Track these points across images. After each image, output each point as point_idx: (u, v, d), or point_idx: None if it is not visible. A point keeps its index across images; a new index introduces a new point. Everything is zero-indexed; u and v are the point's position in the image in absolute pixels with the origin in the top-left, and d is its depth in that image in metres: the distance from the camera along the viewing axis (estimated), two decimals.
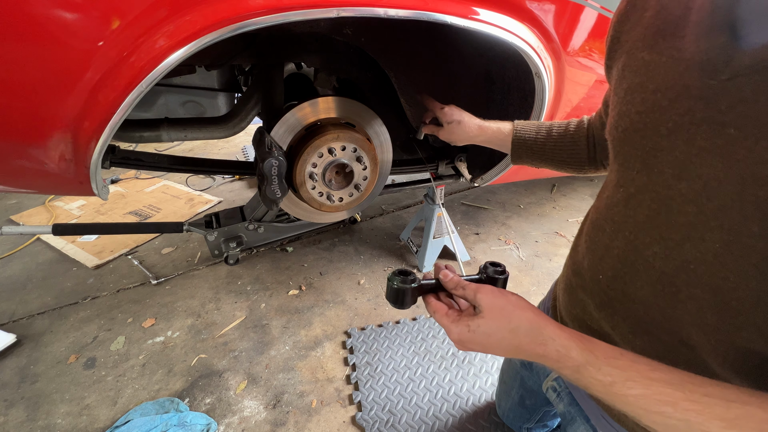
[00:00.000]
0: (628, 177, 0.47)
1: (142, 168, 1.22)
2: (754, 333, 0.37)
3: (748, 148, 0.34)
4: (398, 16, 0.75)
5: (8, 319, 1.51)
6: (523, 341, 0.42)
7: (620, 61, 0.50)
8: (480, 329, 0.43)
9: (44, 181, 0.84)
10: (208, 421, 1.13)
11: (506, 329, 0.43)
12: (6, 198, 2.48)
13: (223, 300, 1.61)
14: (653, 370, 0.36)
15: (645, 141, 0.44)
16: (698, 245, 0.39)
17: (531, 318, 0.42)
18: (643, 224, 0.45)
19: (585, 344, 0.40)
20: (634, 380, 0.36)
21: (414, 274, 0.52)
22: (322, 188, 1.10)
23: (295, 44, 1.07)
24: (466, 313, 0.47)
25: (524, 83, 1.11)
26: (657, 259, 0.44)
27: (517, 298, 0.45)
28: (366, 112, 1.14)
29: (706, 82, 0.37)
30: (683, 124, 0.39)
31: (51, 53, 0.60)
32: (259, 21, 0.66)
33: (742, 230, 0.35)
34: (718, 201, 0.37)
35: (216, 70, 1.21)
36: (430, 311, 0.50)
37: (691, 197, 0.39)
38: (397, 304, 0.51)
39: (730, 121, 0.35)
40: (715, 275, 0.38)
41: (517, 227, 2.12)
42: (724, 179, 0.36)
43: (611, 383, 0.36)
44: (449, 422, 1.13)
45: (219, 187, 2.59)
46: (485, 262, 0.57)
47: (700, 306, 0.40)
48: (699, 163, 0.38)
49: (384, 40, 1.16)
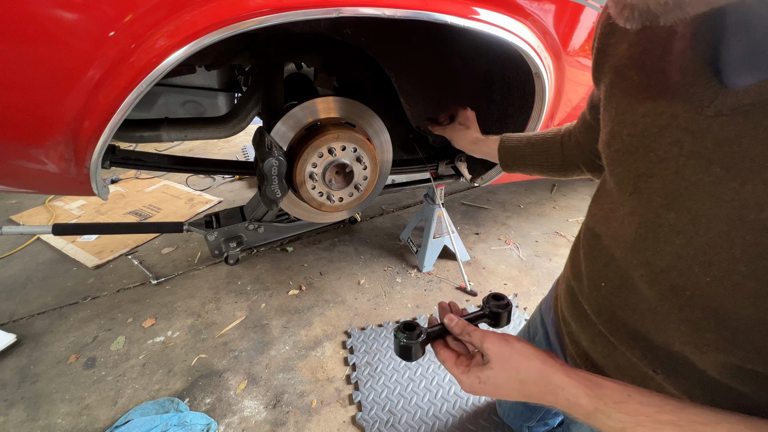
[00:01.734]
0: (623, 196, 0.47)
1: (142, 168, 1.22)
2: (753, 352, 0.37)
3: (735, 190, 0.34)
4: (398, 16, 0.75)
5: (8, 319, 1.51)
6: (533, 390, 0.43)
7: (608, 77, 0.49)
8: (490, 381, 0.44)
9: (44, 181, 0.84)
10: (208, 421, 1.13)
11: (515, 380, 0.43)
12: (6, 198, 2.48)
13: (223, 300, 1.61)
14: (661, 413, 0.36)
15: (637, 164, 0.44)
16: (688, 275, 0.39)
17: (539, 368, 0.43)
18: (632, 246, 0.46)
19: (593, 390, 0.40)
20: (644, 425, 0.36)
21: (419, 327, 0.53)
22: (322, 188, 1.10)
23: (295, 44, 1.07)
24: (475, 362, 0.48)
25: (524, 83, 1.11)
26: (643, 281, 0.45)
27: (522, 345, 0.46)
28: (366, 112, 1.14)
29: (693, 115, 0.37)
30: (672, 154, 0.39)
31: (51, 53, 0.60)
32: (260, 21, 0.66)
33: (732, 269, 0.35)
34: (707, 237, 0.37)
35: (216, 70, 1.21)
36: (439, 359, 0.51)
37: (680, 229, 0.39)
38: (406, 358, 0.52)
39: (717, 159, 0.35)
40: (711, 300, 0.38)
41: (517, 227, 2.12)
42: (713, 217, 0.36)
43: (622, 429, 0.37)
44: (449, 422, 1.13)
45: (219, 187, 2.59)
46: (488, 295, 0.57)
47: (697, 327, 0.40)
48: (688, 197, 0.38)
49: (384, 40, 1.16)
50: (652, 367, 0.48)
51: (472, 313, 0.55)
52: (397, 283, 1.69)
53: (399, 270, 1.77)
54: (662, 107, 0.40)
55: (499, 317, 0.56)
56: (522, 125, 1.18)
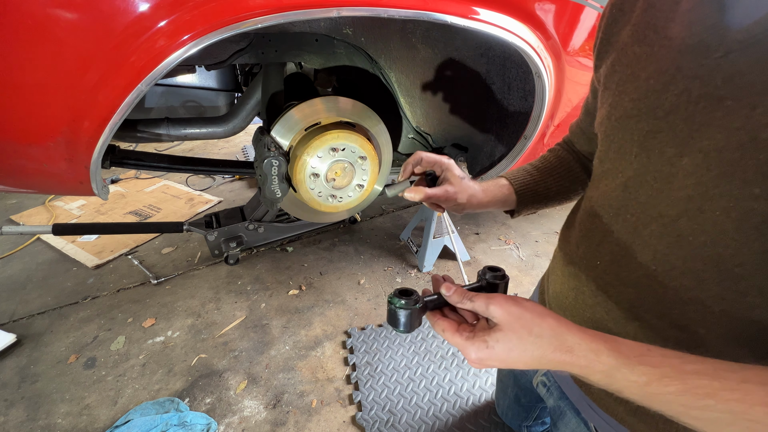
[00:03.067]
0: (625, 162, 0.48)
1: (142, 168, 1.22)
2: (758, 297, 0.37)
3: (746, 116, 0.35)
4: (398, 16, 0.75)
5: (8, 319, 1.51)
6: (546, 351, 0.39)
7: (610, 58, 0.51)
8: (499, 344, 0.40)
9: (44, 181, 0.84)
10: (208, 420, 1.13)
11: (528, 340, 0.39)
12: (6, 198, 2.48)
13: (223, 300, 1.61)
14: (685, 363, 0.34)
15: (641, 125, 0.45)
16: (696, 217, 0.40)
17: (553, 325, 0.40)
18: (645, 204, 0.45)
19: (612, 345, 0.37)
20: (669, 376, 0.34)
21: (416, 293, 0.47)
22: (322, 188, 1.10)
23: (295, 44, 1.07)
24: (480, 326, 0.43)
25: (524, 83, 1.11)
26: (653, 236, 0.45)
27: (533, 304, 0.42)
28: (366, 111, 1.14)
29: (700, 61, 0.39)
30: (680, 104, 0.41)
31: (51, 53, 0.60)
32: (260, 21, 0.66)
33: (743, 194, 0.36)
34: (718, 170, 0.37)
35: (216, 69, 1.21)
36: (438, 330, 0.46)
37: (691, 170, 0.40)
38: (399, 328, 0.46)
39: (727, 94, 0.37)
40: (715, 244, 0.39)
41: (517, 227, 2.12)
42: (724, 149, 0.37)
43: (647, 383, 0.34)
44: (449, 422, 1.13)
45: (219, 187, 2.59)
46: (483, 267, 0.54)
47: (700, 279, 0.41)
48: (699, 138, 0.39)
49: (384, 39, 1.16)
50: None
51: (468, 285, 0.52)
52: (397, 283, 1.69)
53: (399, 270, 1.77)
54: (666, 65, 0.42)
55: (496, 288, 0.52)
56: (522, 125, 1.18)
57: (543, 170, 0.73)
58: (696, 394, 0.32)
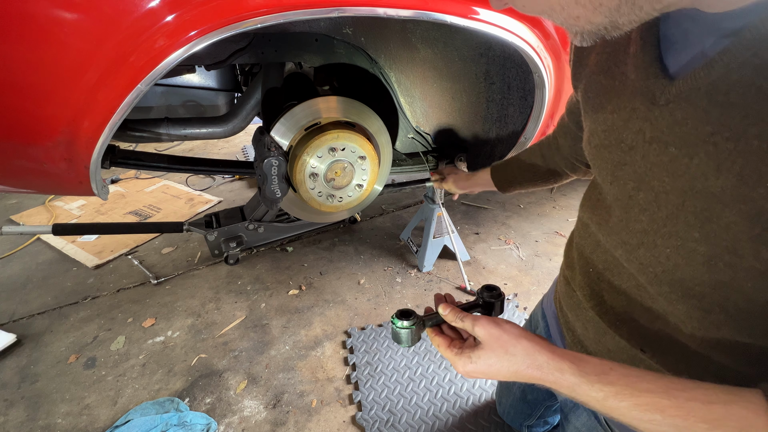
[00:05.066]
0: (605, 185, 0.52)
1: (142, 168, 1.21)
2: (720, 314, 0.41)
3: (686, 165, 0.39)
4: (398, 16, 0.75)
5: (8, 319, 1.51)
6: (520, 367, 0.45)
7: (583, 83, 0.54)
8: (481, 360, 0.47)
9: (44, 181, 0.84)
10: (208, 420, 1.13)
11: (504, 358, 0.46)
12: (6, 198, 2.48)
13: (223, 300, 1.61)
14: (640, 381, 0.39)
15: (612, 155, 0.48)
16: (651, 249, 0.45)
17: (526, 346, 0.46)
18: (611, 229, 0.51)
19: (577, 365, 0.43)
20: (623, 394, 0.39)
21: (415, 314, 0.56)
22: (322, 188, 1.10)
23: (295, 44, 1.07)
24: (467, 344, 0.51)
25: (524, 82, 1.11)
26: (623, 261, 0.50)
27: (511, 326, 0.49)
28: (366, 111, 1.14)
29: (649, 106, 0.42)
30: (638, 142, 0.44)
31: (50, 53, 0.60)
32: (260, 21, 0.66)
33: (687, 236, 0.40)
34: (667, 210, 0.42)
35: (216, 69, 1.21)
36: (434, 344, 0.54)
37: (645, 206, 0.45)
38: (402, 344, 0.55)
39: (671, 141, 0.40)
40: (673, 273, 0.43)
41: (517, 227, 2.12)
42: (670, 191, 0.41)
43: (604, 398, 0.40)
44: (449, 422, 1.13)
45: (219, 187, 2.59)
46: (481, 287, 0.60)
47: (669, 299, 0.45)
48: (652, 177, 0.43)
49: (384, 39, 1.16)
50: (640, 347, 0.52)
51: (466, 304, 0.59)
52: (397, 283, 1.69)
53: (399, 270, 1.77)
54: (624, 102, 0.45)
55: (492, 307, 0.59)
56: (522, 125, 1.18)
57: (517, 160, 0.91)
58: (645, 409, 0.37)
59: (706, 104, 0.36)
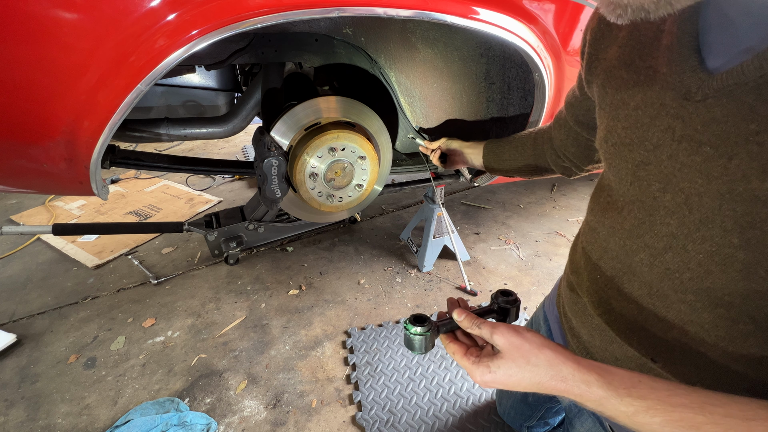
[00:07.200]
0: (623, 187, 0.49)
1: (142, 168, 1.22)
2: (750, 324, 0.39)
3: (723, 166, 0.36)
4: (398, 16, 0.75)
5: (8, 319, 1.51)
6: (543, 378, 0.42)
7: (600, 78, 0.52)
8: (501, 369, 0.44)
9: (44, 181, 0.84)
10: (208, 420, 1.13)
11: (526, 368, 0.43)
12: (6, 198, 2.48)
13: (223, 300, 1.61)
14: (672, 395, 0.36)
15: (634, 154, 0.46)
16: (680, 254, 0.42)
17: (549, 356, 0.43)
18: (630, 232, 0.48)
19: (604, 376, 0.40)
20: (655, 408, 0.36)
21: (429, 319, 0.52)
22: (322, 188, 1.10)
23: (295, 44, 1.07)
24: (485, 352, 0.48)
25: (524, 82, 1.11)
26: (644, 265, 0.47)
27: (533, 335, 0.45)
28: (366, 111, 1.14)
29: (681, 102, 0.39)
30: (665, 140, 0.41)
31: (50, 53, 0.60)
32: (260, 21, 0.66)
33: (724, 242, 0.38)
34: (700, 214, 0.39)
35: (216, 69, 1.21)
36: (449, 352, 0.51)
37: (673, 209, 0.42)
38: (415, 351, 0.52)
39: (706, 140, 0.37)
40: (702, 281, 0.41)
41: (517, 227, 2.12)
42: (704, 194, 0.38)
43: (634, 413, 0.37)
44: (449, 422, 1.13)
45: (219, 187, 2.59)
46: (496, 291, 0.58)
47: (694, 308, 0.43)
48: (681, 178, 0.40)
49: (384, 39, 1.16)
50: (651, 356, 0.49)
51: (481, 308, 0.56)
52: (397, 283, 1.69)
53: (399, 270, 1.77)
54: (652, 98, 0.43)
55: (508, 312, 0.56)
56: (522, 125, 1.18)
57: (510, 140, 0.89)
58: (680, 426, 0.34)
59: (753, 100, 0.33)
